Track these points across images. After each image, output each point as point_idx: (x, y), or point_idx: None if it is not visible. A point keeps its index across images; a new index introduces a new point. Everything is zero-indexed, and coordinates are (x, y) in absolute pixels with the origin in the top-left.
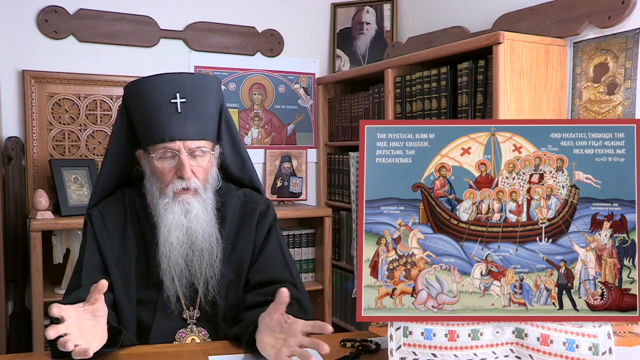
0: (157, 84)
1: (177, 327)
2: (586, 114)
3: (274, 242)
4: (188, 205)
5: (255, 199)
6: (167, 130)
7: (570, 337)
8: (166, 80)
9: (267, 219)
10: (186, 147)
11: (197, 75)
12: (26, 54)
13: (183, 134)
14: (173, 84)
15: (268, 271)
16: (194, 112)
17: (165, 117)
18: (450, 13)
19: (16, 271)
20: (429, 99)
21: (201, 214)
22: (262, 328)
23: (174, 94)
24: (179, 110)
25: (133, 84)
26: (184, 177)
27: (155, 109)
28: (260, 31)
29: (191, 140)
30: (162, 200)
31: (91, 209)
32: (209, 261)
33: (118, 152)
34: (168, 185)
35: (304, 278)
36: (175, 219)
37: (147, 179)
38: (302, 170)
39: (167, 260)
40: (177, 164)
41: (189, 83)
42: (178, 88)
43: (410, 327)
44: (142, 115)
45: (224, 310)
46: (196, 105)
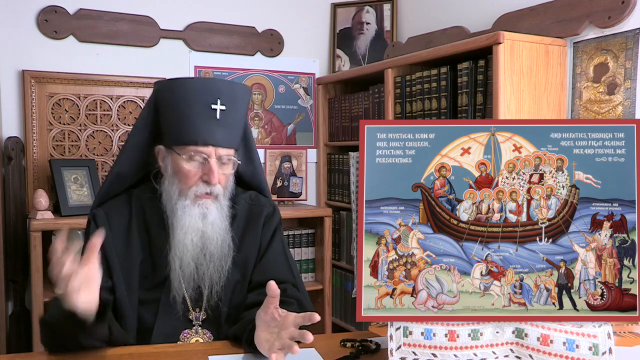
0: (200, 87)
1: (181, 327)
2: (586, 114)
3: (278, 244)
4: (206, 209)
5: (261, 202)
6: (201, 134)
7: (570, 337)
8: (209, 84)
9: (273, 221)
10: (217, 154)
11: (234, 83)
12: (26, 54)
13: (217, 140)
14: (215, 89)
15: (270, 272)
16: (229, 121)
17: (202, 120)
18: (450, 13)
19: (16, 271)
20: (429, 99)
21: (217, 220)
22: (258, 324)
23: (215, 99)
24: (218, 117)
25: (170, 81)
26: (210, 183)
27: (193, 111)
28: (260, 31)
29: (223, 147)
30: (182, 202)
31: (96, 209)
32: (218, 266)
33: (139, 144)
34: (191, 188)
35: (304, 278)
36: (192, 222)
37: (166, 178)
38: (302, 170)
39: (179, 262)
40: (204, 169)
41: (228, 91)
42: (219, 94)
43: (410, 327)
44: (175, 114)
45: (227, 312)
46: (233, 114)
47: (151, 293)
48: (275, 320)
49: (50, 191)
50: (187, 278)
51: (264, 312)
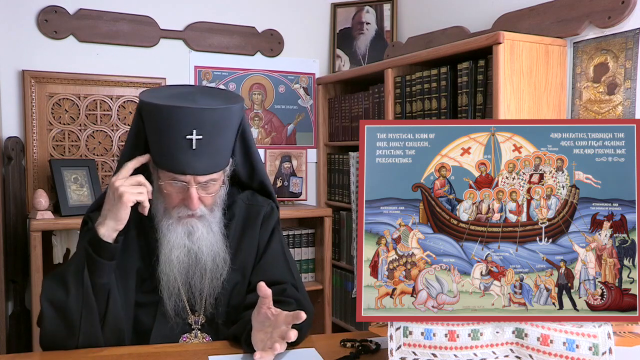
0: (175, 116)
1: (181, 331)
2: (586, 114)
3: (276, 244)
4: (192, 227)
5: (258, 201)
6: (178, 164)
7: (570, 337)
8: (184, 115)
9: (271, 221)
10: (196, 181)
11: (219, 109)
12: (26, 54)
13: (195, 169)
14: (191, 119)
15: (269, 272)
16: (209, 149)
17: (178, 151)
18: (450, 13)
19: (16, 271)
20: (429, 99)
21: (205, 235)
22: (254, 324)
23: (190, 130)
24: (194, 147)
25: (149, 104)
26: (190, 209)
27: (169, 140)
28: (260, 31)
29: (202, 175)
30: (167, 221)
31: (92, 212)
32: (210, 279)
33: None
34: (174, 209)
35: (304, 278)
36: (177, 239)
37: (153, 193)
38: (302, 170)
39: (167, 277)
40: (185, 194)
41: (209, 119)
42: (196, 124)
43: (410, 327)
44: (154, 139)
45: (226, 313)
46: (213, 141)
47: (149, 296)
48: (269, 319)
49: (50, 191)
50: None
51: (257, 313)
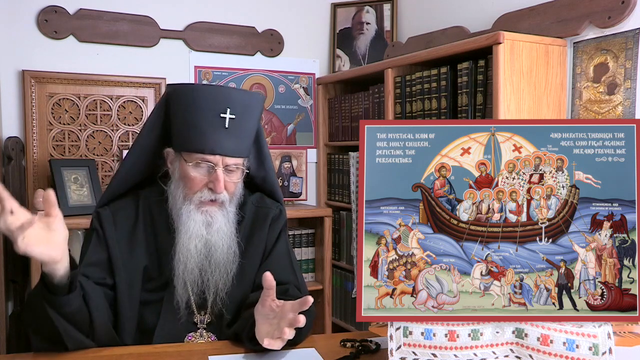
0: (210, 94)
1: (186, 330)
2: (586, 114)
3: (282, 246)
4: (211, 218)
5: (267, 204)
6: (209, 143)
7: (570, 337)
8: (220, 93)
9: (279, 224)
10: (224, 163)
11: (247, 92)
12: (26, 54)
13: (225, 149)
14: (226, 97)
15: (273, 272)
16: (239, 130)
17: (211, 129)
18: (450, 13)
19: (16, 271)
20: (429, 99)
21: (223, 227)
22: (257, 318)
23: (225, 108)
24: (227, 126)
25: (182, 87)
26: (215, 191)
27: (202, 119)
28: (260, 31)
29: (230, 157)
30: (186, 207)
31: (101, 208)
32: (223, 273)
33: (147, 145)
34: (195, 194)
35: (304, 278)
36: (196, 228)
37: (173, 181)
38: (302, 170)
39: (183, 267)
40: (211, 177)
41: (240, 100)
42: (230, 103)
43: (410, 327)
44: (185, 120)
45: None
46: (243, 123)
47: (154, 294)
48: (274, 311)
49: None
50: (191, 283)
51: (261, 305)
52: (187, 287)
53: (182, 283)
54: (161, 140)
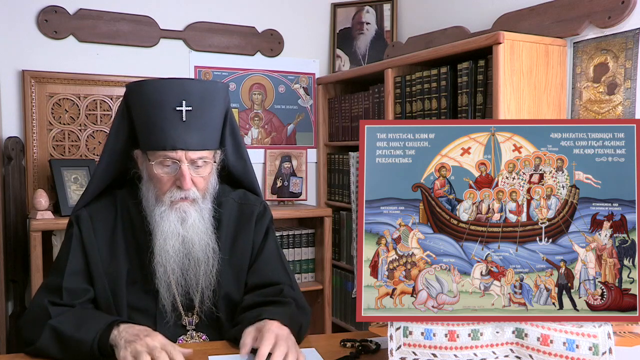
0: (163, 89)
1: (176, 334)
2: (586, 114)
3: (271, 244)
4: (184, 213)
5: (250, 200)
6: (169, 139)
7: (570, 337)
8: (172, 86)
9: (265, 220)
10: (188, 158)
11: (205, 82)
12: (26, 54)
13: (186, 144)
14: (179, 90)
15: (266, 273)
16: (199, 122)
17: (168, 124)
18: (450, 13)
19: (16, 271)
20: (429, 99)
21: (198, 222)
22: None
23: (179, 101)
24: (184, 119)
25: (137, 84)
26: (183, 188)
27: (158, 115)
28: (260, 31)
29: (194, 150)
30: (159, 208)
31: (80, 211)
32: (205, 270)
33: (116, 150)
34: (165, 194)
35: (304, 278)
36: (171, 227)
37: (143, 183)
38: (302, 170)
39: (163, 269)
40: (176, 174)
41: (197, 90)
42: (184, 95)
43: (410, 327)
44: (143, 119)
45: (226, 311)
46: (202, 114)
47: (146, 301)
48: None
49: (50, 191)
50: (175, 284)
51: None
52: (171, 289)
53: (166, 285)
54: (129, 141)
